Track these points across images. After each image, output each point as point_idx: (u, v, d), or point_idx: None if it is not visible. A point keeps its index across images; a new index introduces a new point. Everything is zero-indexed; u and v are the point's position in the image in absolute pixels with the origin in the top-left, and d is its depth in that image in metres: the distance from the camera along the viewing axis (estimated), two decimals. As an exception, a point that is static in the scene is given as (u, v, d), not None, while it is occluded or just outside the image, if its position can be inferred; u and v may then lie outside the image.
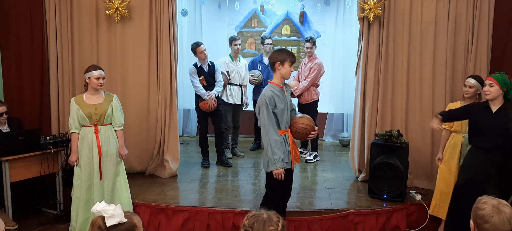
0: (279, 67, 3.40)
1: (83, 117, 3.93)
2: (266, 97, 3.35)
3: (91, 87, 3.98)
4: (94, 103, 3.95)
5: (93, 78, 3.94)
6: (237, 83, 6.06)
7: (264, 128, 3.37)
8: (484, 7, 4.73)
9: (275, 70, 3.44)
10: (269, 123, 3.35)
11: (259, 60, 6.48)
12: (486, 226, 1.90)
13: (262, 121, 3.38)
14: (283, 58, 3.38)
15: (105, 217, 1.69)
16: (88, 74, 3.95)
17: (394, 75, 4.98)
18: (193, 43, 5.58)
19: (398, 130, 4.61)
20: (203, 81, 5.51)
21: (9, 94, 5.22)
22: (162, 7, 5.01)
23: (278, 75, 3.44)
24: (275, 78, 3.47)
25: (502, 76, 3.41)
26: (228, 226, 4.19)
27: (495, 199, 1.97)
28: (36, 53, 5.17)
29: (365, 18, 4.86)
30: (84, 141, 3.97)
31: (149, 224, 4.29)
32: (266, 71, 6.34)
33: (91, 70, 3.95)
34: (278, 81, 3.45)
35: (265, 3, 7.41)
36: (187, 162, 5.93)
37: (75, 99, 4.00)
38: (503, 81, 3.39)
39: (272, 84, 3.45)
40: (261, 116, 3.38)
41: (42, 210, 4.68)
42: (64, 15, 5.09)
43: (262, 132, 3.40)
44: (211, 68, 5.60)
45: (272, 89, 3.41)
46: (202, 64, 5.53)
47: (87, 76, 3.96)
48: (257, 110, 3.45)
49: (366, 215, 4.25)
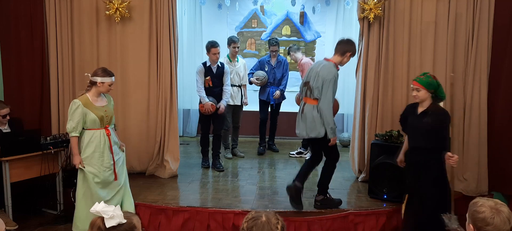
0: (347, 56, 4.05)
1: (94, 120, 3.84)
2: (335, 75, 3.95)
3: (98, 90, 3.90)
4: (102, 106, 3.92)
5: (107, 84, 3.88)
6: (236, 84, 5.96)
7: (327, 100, 3.91)
8: (484, 7, 4.73)
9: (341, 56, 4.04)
10: (332, 98, 3.95)
11: (267, 61, 6.31)
12: (489, 228, 1.89)
13: (327, 94, 3.91)
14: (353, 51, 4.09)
15: (105, 218, 1.69)
16: (101, 79, 3.84)
17: (394, 75, 4.98)
18: (208, 42, 5.39)
19: (398, 130, 4.61)
20: (209, 82, 5.41)
21: (9, 94, 5.22)
22: (162, 7, 5.01)
23: (339, 60, 4.06)
24: (335, 61, 4.05)
25: (427, 79, 3.43)
26: (228, 227, 4.19)
27: (490, 200, 1.97)
28: (36, 53, 5.16)
29: (365, 18, 4.86)
30: (93, 144, 3.86)
31: (149, 225, 4.29)
32: (273, 72, 6.23)
33: (105, 76, 3.85)
34: (338, 63, 4.06)
35: (265, 3, 7.40)
36: (187, 162, 5.92)
37: (82, 103, 3.82)
38: (429, 83, 3.42)
39: (335, 66, 4.02)
40: (328, 89, 3.91)
41: (42, 210, 4.68)
42: (64, 15, 5.09)
43: (323, 102, 3.92)
44: (220, 70, 5.47)
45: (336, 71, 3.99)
46: (211, 64, 5.42)
47: (99, 80, 3.84)
48: (320, 82, 3.93)
49: (366, 215, 4.25)
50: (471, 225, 1.97)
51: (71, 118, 3.82)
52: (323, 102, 3.94)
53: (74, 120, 3.80)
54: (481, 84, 4.81)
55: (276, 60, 6.25)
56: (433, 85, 3.42)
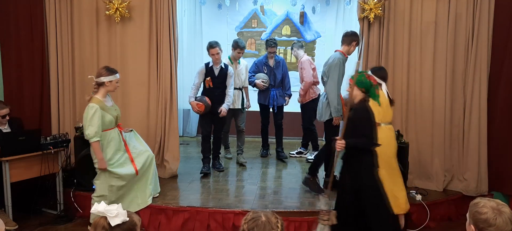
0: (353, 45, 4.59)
1: (111, 121, 3.94)
2: (340, 60, 4.50)
3: (106, 90, 3.95)
4: (112, 105, 4.01)
5: (114, 82, 3.94)
6: (237, 87, 5.69)
7: (333, 82, 4.45)
8: (484, 7, 4.74)
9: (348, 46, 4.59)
10: (338, 80, 4.46)
11: (264, 63, 6.03)
12: (491, 229, 1.89)
13: (334, 77, 4.45)
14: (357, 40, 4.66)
15: (109, 217, 1.70)
16: (107, 77, 3.89)
17: (394, 75, 4.98)
18: (209, 42, 5.24)
19: (398, 130, 4.61)
20: (209, 82, 5.27)
21: (9, 94, 5.22)
22: (162, 7, 5.01)
23: (347, 49, 4.60)
24: (343, 50, 4.59)
25: (360, 77, 3.47)
26: (228, 227, 4.19)
27: (491, 201, 1.97)
28: (36, 53, 5.17)
29: (366, 18, 4.86)
30: (112, 144, 3.96)
31: (149, 224, 4.29)
32: (273, 74, 5.96)
33: (111, 74, 3.92)
34: (345, 52, 4.60)
35: (265, 3, 7.40)
36: (187, 162, 5.92)
37: (98, 105, 3.85)
38: (361, 81, 3.46)
39: (342, 53, 4.58)
40: (334, 72, 4.45)
41: (42, 210, 4.67)
42: (64, 15, 5.09)
43: (329, 84, 4.48)
44: (222, 71, 5.27)
45: (341, 57, 4.54)
46: (214, 65, 5.26)
47: (108, 80, 3.89)
48: (327, 68, 4.53)
49: (366, 215, 4.24)
50: (472, 226, 1.96)
51: (90, 123, 3.80)
52: (329, 84, 4.50)
53: (94, 124, 3.80)
54: (481, 84, 4.81)
55: (274, 61, 6.00)
56: (364, 84, 3.45)
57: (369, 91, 3.46)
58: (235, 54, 5.66)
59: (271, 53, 5.97)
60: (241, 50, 5.63)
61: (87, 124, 3.81)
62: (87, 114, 3.81)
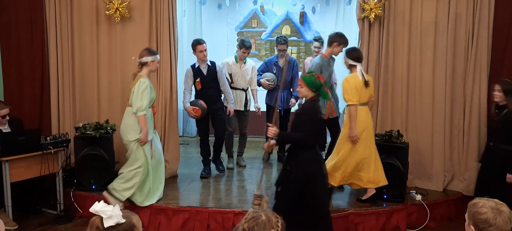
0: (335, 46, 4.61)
1: (153, 99, 4.15)
2: (319, 65, 4.61)
3: (149, 69, 4.15)
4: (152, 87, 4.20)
5: (156, 62, 4.19)
6: (240, 88, 5.51)
7: None
8: (484, 7, 4.73)
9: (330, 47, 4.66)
10: None
11: (274, 62, 5.77)
12: (491, 229, 1.88)
13: None
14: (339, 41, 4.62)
15: (103, 218, 1.68)
16: (150, 57, 4.13)
17: (394, 75, 4.98)
18: (194, 40, 5.14)
19: (398, 130, 4.61)
20: (198, 84, 5.11)
21: (9, 94, 5.22)
22: (162, 7, 5.01)
23: (329, 51, 4.69)
24: (325, 53, 4.74)
25: (310, 77, 3.54)
26: (228, 227, 4.19)
27: (490, 200, 1.96)
28: (36, 53, 5.17)
29: (366, 18, 4.86)
30: (149, 121, 4.13)
31: (149, 225, 4.29)
32: (281, 75, 5.54)
33: (152, 55, 4.14)
34: (328, 54, 4.71)
35: (265, 3, 7.40)
36: (187, 162, 5.92)
37: (148, 81, 4.09)
38: (311, 82, 3.52)
39: (322, 56, 4.72)
40: None
41: (42, 210, 4.67)
42: (64, 15, 5.09)
43: None
44: (211, 70, 5.12)
45: (321, 61, 4.64)
46: (200, 65, 5.10)
47: (150, 60, 4.12)
48: None
49: (366, 215, 4.25)
50: (472, 226, 1.95)
51: (141, 97, 4.00)
52: None
53: (145, 98, 4.02)
54: (481, 84, 4.81)
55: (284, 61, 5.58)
56: (314, 85, 3.51)
57: (319, 91, 3.55)
58: (240, 54, 5.46)
59: (281, 51, 5.69)
60: (246, 49, 5.41)
61: (139, 97, 4.01)
62: (139, 88, 4.02)
